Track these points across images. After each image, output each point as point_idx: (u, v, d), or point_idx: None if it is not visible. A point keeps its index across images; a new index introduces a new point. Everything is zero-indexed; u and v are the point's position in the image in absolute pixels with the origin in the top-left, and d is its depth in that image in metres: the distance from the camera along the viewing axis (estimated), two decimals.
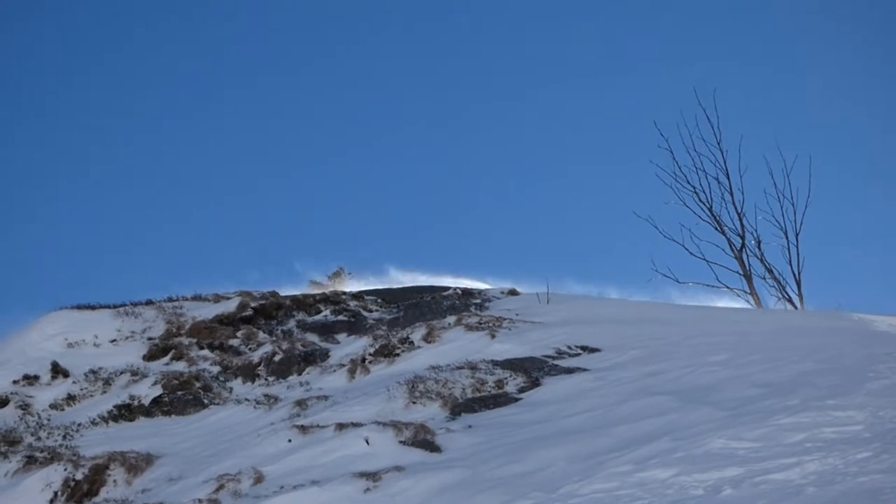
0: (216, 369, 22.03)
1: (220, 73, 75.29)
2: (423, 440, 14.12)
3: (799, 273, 29.42)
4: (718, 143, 31.21)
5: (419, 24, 73.94)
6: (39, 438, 18.14)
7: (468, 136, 74.71)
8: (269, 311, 26.25)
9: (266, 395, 19.19)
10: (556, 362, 17.90)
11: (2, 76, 74.68)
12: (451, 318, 22.65)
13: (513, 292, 28.07)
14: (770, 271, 29.73)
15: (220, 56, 76.19)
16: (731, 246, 30.25)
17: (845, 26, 61.74)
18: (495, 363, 18.05)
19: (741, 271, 29.91)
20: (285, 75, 75.03)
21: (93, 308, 25.93)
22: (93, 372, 21.92)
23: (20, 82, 73.03)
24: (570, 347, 18.89)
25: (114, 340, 24.09)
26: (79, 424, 18.90)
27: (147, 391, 20.33)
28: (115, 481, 15.44)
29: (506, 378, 17.14)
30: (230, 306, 26.04)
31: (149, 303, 26.86)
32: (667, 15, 69.07)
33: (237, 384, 21.25)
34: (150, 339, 24.24)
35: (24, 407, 20.39)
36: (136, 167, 73.53)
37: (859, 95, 62.37)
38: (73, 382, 21.54)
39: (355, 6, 73.71)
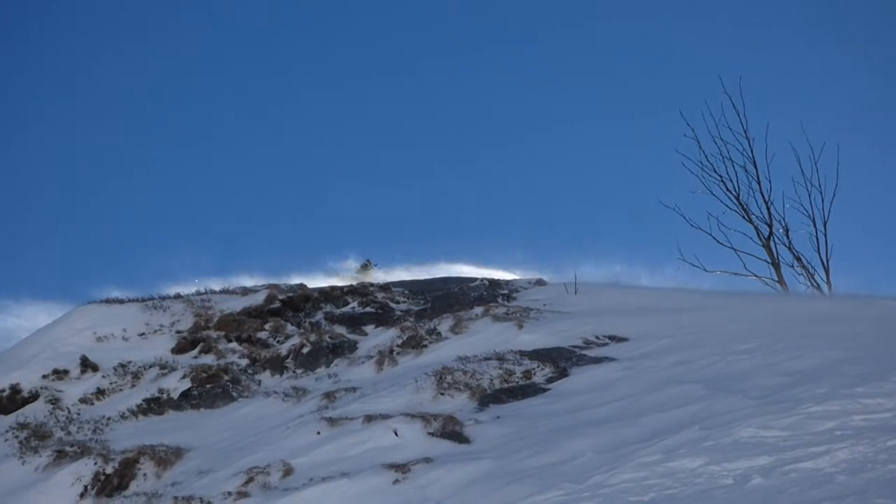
0: (244, 362, 22.06)
1: (233, 74, 75.51)
2: (451, 431, 14.12)
3: (827, 261, 29.20)
4: (745, 132, 30.97)
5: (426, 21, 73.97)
6: (69, 433, 18.23)
7: (493, 129, 74.73)
8: (296, 304, 26.23)
9: (294, 388, 19.22)
10: (583, 352, 17.86)
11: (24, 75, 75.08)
12: (479, 309, 22.64)
13: (540, 283, 28.02)
14: (798, 259, 29.54)
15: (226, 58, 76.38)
16: (758, 234, 30.08)
17: (873, 11, 61.39)
18: (523, 354, 18.03)
19: (769, 259, 29.72)
20: (299, 75, 75.15)
21: (121, 302, 26.00)
22: (122, 366, 21.97)
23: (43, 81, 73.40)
24: (597, 337, 18.85)
25: (142, 334, 24.13)
26: (108, 418, 18.98)
27: (176, 384, 20.39)
28: (144, 475, 15.50)
29: (533, 368, 17.12)
30: (258, 299, 26.05)
31: (177, 296, 26.89)
32: (693, 2, 68.83)
33: (265, 377, 21.29)
34: (178, 332, 24.27)
35: (54, 401, 20.46)
36: (162, 164, 73.82)
37: (887, 81, 61.98)
38: (103, 376, 21.58)
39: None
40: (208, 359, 22.31)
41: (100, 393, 20.93)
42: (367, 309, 25.66)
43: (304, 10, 79.16)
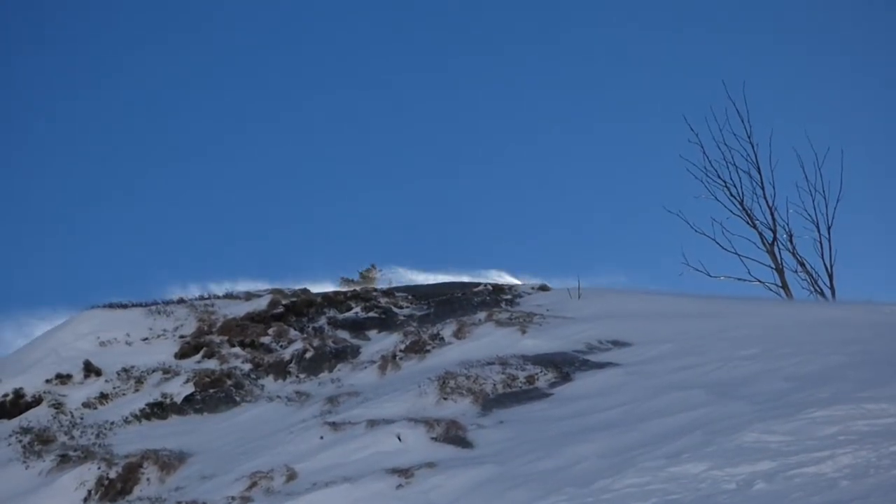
0: (248, 367, 22.05)
1: (235, 79, 75.58)
2: (454, 436, 14.12)
3: (831, 266, 29.24)
4: (749, 137, 31.05)
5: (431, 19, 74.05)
6: (73, 437, 18.22)
7: (495, 132, 74.78)
8: (300, 309, 26.24)
9: (297, 392, 19.24)
10: (587, 357, 17.85)
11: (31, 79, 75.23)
12: (482, 314, 22.65)
13: (543, 288, 27.98)
14: (802, 265, 29.58)
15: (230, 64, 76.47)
16: (762, 240, 30.11)
17: (877, 16, 61.39)
18: (526, 358, 18.02)
19: (773, 265, 29.74)
20: (297, 83, 75.25)
21: (125, 307, 25.98)
22: (125, 370, 21.96)
23: (53, 87, 73.50)
24: (601, 342, 18.84)
25: (146, 339, 24.12)
26: (112, 423, 18.97)
27: (179, 389, 20.39)
28: (148, 479, 15.51)
29: (537, 373, 17.11)
30: (261, 304, 26.05)
31: (180, 301, 26.90)
32: (697, 7, 68.87)
33: (269, 381, 21.29)
34: (181, 337, 24.26)
35: (57, 406, 20.45)
36: (165, 168, 73.93)
37: (891, 86, 61.99)
38: (106, 381, 21.58)
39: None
40: (211, 363, 22.30)
41: (103, 397, 20.92)
42: (371, 314, 25.65)
43: (304, 12, 79.21)
